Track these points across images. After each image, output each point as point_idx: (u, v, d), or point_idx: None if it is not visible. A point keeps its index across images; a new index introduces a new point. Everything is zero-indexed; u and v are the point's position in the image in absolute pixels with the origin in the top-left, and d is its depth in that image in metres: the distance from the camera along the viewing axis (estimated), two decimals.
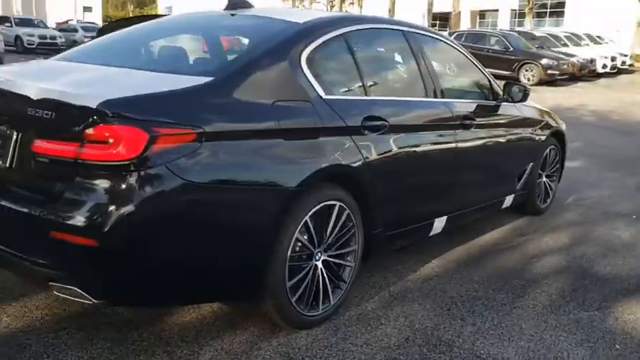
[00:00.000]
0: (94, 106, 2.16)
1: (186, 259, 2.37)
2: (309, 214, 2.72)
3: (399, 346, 2.79)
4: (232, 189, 2.46)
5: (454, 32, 22.40)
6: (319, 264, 2.87)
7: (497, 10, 56.05)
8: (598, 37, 26.88)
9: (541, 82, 18.31)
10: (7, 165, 2.45)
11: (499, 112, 4.26)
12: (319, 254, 2.87)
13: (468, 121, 3.83)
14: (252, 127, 2.54)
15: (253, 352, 2.66)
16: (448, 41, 4.21)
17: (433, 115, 3.62)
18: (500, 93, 4.32)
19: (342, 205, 2.90)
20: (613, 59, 23.16)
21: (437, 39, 4.06)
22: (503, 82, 4.38)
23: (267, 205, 2.55)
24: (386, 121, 3.14)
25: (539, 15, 47.30)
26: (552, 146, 5.10)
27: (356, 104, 3.09)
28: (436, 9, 50.68)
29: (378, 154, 3.09)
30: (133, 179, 2.19)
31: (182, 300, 2.68)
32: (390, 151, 3.18)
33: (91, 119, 2.17)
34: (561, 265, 3.94)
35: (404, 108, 3.40)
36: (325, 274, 2.91)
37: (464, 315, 3.13)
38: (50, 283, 2.32)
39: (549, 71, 18.72)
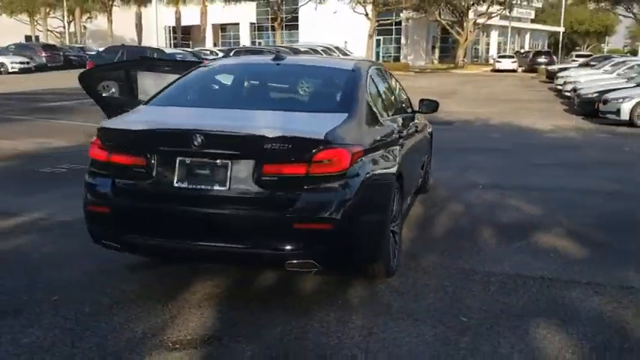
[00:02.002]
0: (322, 138, 3.29)
1: (368, 231, 3.60)
2: (394, 196, 4.11)
3: (449, 276, 4.31)
4: (376, 181, 3.74)
5: (232, 49, 24.01)
6: (391, 233, 4.26)
7: (238, 24, 59.64)
8: (343, 48, 31.15)
9: None
10: (227, 187, 3.37)
11: (416, 120, 6.02)
12: (391, 225, 4.25)
13: (414, 127, 5.51)
14: (374, 143, 3.84)
15: (376, 292, 3.96)
16: (389, 72, 5.84)
17: (407, 124, 5.20)
18: (414, 107, 6.09)
19: (397, 189, 4.32)
20: None
21: (388, 72, 5.65)
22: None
23: (388, 191, 3.89)
24: (402, 131, 4.64)
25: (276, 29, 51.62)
26: (430, 142, 7.08)
27: (393, 121, 4.54)
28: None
29: (401, 154, 4.56)
30: (346, 182, 3.37)
31: (364, 262, 3.84)
32: (404, 151, 4.67)
33: (318, 146, 3.29)
34: (479, 219, 5.86)
35: (400, 120, 4.92)
36: (394, 239, 4.30)
37: (461, 256, 4.78)
38: (287, 262, 3.35)
39: None
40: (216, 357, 3.13)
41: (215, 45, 55.70)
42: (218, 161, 3.39)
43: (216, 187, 3.39)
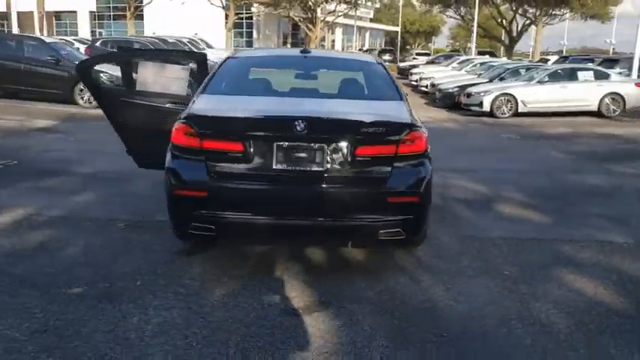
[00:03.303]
0: (409, 122, 3.80)
1: (431, 202, 4.15)
2: None
3: (462, 243, 5.01)
4: (431, 160, 4.26)
5: (106, 41, 22.60)
6: None
7: (75, 12, 55.73)
8: (205, 41, 30.88)
9: None
10: (323, 169, 3.74)
11: None
12: None
13: None
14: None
15: (419, 258, 4.54)
16: None
17: None
18: None
19: None
20: None
21: None
22: None
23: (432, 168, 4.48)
24: None
25: (120, 17, 49.13)
26: None
27: None
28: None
29: None
30: (424, 160, 3.91)
31: (425, 229, 4.27)
32: None
33: (406, 129, 3.79)
34: (442, 196, 6.65)
35: None
36: None
37: (455, 226, 5.53)
38: (380, 231, 3.80)
39: None
40: (343, 317, 3.50)
41: (49, 35, 51.57)
42: (315, 144, 3.74)
43: (314, 168, 3.74)
